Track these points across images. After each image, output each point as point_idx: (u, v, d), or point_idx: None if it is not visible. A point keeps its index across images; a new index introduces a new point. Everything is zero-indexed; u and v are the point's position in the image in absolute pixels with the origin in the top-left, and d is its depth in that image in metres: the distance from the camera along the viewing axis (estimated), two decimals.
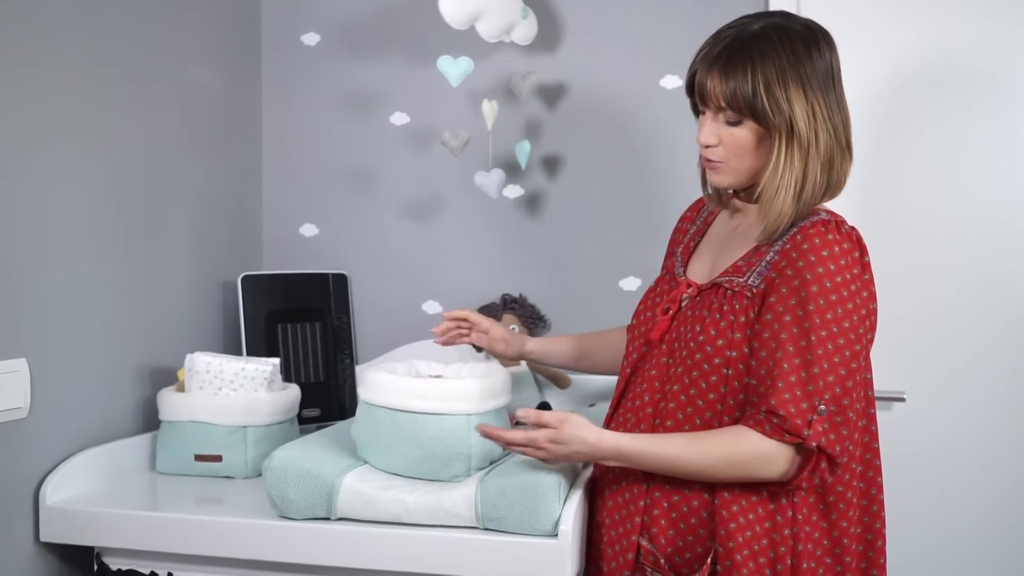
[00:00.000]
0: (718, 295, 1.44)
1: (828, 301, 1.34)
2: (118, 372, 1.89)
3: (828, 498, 1.40)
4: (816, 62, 1.40)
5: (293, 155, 2.40)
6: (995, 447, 2.01)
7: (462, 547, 1.45)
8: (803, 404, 1.32)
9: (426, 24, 2.28)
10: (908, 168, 2.06)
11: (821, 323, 1.34)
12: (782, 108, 1.38)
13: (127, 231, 1.91)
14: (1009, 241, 2.01)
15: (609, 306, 2.18)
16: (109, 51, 1.85)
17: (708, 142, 1.45)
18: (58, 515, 1.65)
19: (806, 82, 1.39)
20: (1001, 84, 2.01)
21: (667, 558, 1.42)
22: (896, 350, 2.05)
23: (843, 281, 1.35)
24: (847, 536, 1.40)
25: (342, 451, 1.61)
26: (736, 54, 1.40)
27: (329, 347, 2.27)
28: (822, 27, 1.46)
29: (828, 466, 1.35)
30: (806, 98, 1.39)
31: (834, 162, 1.42)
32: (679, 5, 2.13)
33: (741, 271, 1.44)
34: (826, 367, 1.33)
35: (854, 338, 1.35)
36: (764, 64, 1.38)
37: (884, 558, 1.46)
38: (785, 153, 1.39)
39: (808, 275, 1.35)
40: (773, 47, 1.39)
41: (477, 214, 2.29)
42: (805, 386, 1.33)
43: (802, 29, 1.43)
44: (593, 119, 2.21)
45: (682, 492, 1.41)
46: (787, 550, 1.37)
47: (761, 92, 1.38)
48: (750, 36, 1.41)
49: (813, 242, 1.37)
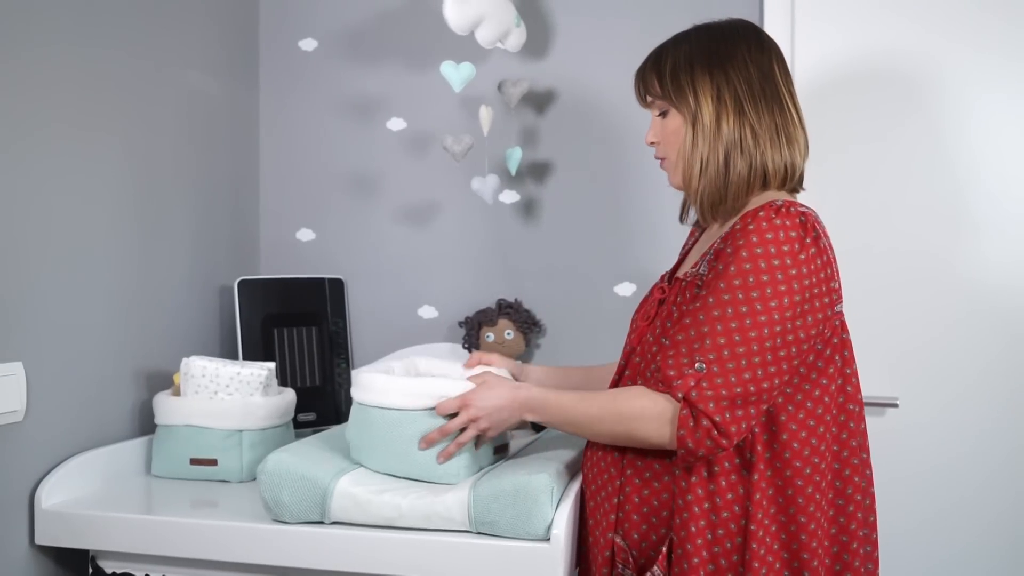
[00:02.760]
0: (677, 289, 1.49)
1: (740, 270, 1.36)
2: (114, 376, 1.89)
3: (787, 491, 1.39)
4: (731, 50, 1.47)
5: (290, 160, 2.41)
6: (989, 451, 2.02)
7: (455, 551, 1.46)
8: (683, 359, 1.36)
9: (423, 30, 2.29)
10: (901, 172, 2.07)
11: (726, 289, 1.36)
12: (685, 91, 1.47)
13: (124, 235, 1.92)
14: (1002, 246, 2.02)
15: (604, 311, 2.19)
16: (107, 56, 1.86)
17: (650, 139, 1.55)
18: (53, 518, 1.65)
19: (714, 67, 1.46)
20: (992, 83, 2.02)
21: (639, 552, 1.44)
22: (889, 356, 2.05)
23: (767, 256, 1.36)
24: (806, 532, 1.39)
25: (337, 455, 1.61)
26: (657, 50, 1.54)
27: (325, 351, 2.27)
28: (753, 25, 1.53)
29: (716, 430, 1.34)
30: (711, 81, 1.46)
31: (747, 147, 1.44)
32: (673, 10, 2.13)
33: (697, 264, 1.48)
34: (718, 329, 1.35)
35: (762, 310, 1.34)
36: (676, 52, 1.50)
37: (863, 561, 1.45)
38: (692, 135, 1.47)
39: (731, 251, 1.39)
40: (688, 39, 1.51)
41: (473, 219, 2.29)
42: (691, 344, 1.36)
43: (725, 25, 1.52)
44: (588, 125, 2.22)
45: (651, 486, 1.43)
46: (741, 541, 1.37)
47: (668, 77, 1.49)
48: (675, 36, 1.54)
49: (746, 223, 1.40)
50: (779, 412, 1.40)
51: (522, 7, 2.19)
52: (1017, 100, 2.01)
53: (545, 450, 1.67)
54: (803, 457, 1.39)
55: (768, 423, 1.40)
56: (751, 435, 1.39)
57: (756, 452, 1.39)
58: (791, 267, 1.36)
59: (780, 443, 1.39)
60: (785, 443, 1.39)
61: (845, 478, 1.45)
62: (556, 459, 1.58)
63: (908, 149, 2.06)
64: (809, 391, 1.41)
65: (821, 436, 1.41)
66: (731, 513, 1.39)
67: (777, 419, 1.39)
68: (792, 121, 1.48)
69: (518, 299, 2.24)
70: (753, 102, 1.45)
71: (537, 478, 1.46)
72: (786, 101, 1.48)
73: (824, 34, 2.08)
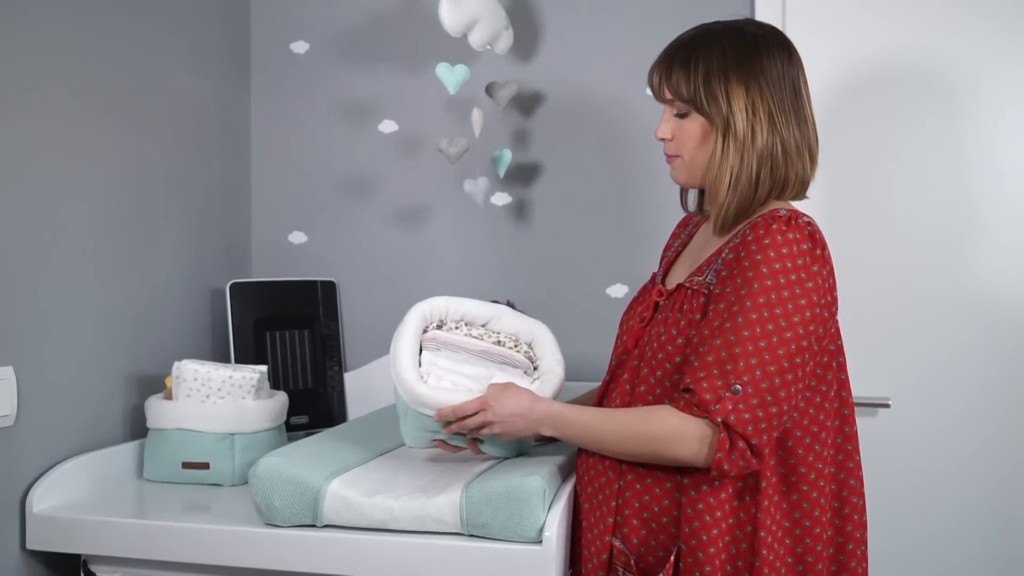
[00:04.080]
0: (681, 296, 1.48)
1: (763, 287, 1.36)
2: (106, 379, 1.89)
3: (792, 496, 1.40)
4: (766, 64, 1.45)
5: (282, 163, 2.40)
6: (981, 452, 2.02)
7: (447, 554, 1.46)
8: (717, 382, 1.34)
9: (414, 33, 2.30)
10: (893, 173, 2.07)
11: (752, 307, 1.35)
12: (718, 100, 1.44)
13: (115, 238, 1.91)
14: (993, 246, 2.02)
15: (596, 313, 2.19)
16: (98, 60, 1.86)
17: (662, 135, 1.52)
18: (45, 523, 1.65)
19: (750, 79, 1.44)
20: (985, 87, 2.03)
21: (638, 557, 1.43)
22: (880, 356, 2.06)
23: (785, 271, 1.36)
24: (810, 535, 1.41)
25: (328, 458, 1.61)
26: (685, 47, 1.48)
27: (318, 354, 2.27)
28: (783, 35, 1.50)
29: (751, 451, 1.34)
30: (747, 94, 1.43)
31: (777, 161, 1.44)
32: (665, 12, 2.14)
33: (701, 271, 1.48)
34: (750, 349, 1.34)
35: (786, 326, 1.35)
36: (707, 57, 1.45)
37: (858, 562, 1.46)
38: (722, 145, 1.44)
39: (748, 264, 1.38)
40: (719, 43, 1.46)
41: (465, 221, 2.29)
42: (723, 365, 1.34)
43: (757, 31, 1.48)
44: (580, 127, 2.22)
45: (652, 491, 1.43)
46: (748, 547, 1.38)
47: (700, 83, 1.45)
48: (702, 33, 1.49)
49: (759, 234, 1.40)
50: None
51: (512, 9, 2.19)
52: (1013, 103, 2.01)
53: (537, 452, 1.67)
54: (807, 463, 1.40)
55: None
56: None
57: (763, 459, 1.39)
58: (807, 280, 1.37)
59: (786, 450, 1.40)
60: (791, 449, 1.40)
61: (842, 481, 1.46)
62: (549, 461, 1.58)
63: (901, 153, 2.07)
64: (811, 398, 1.42)
65: (823, 441, 1.42)
66: (740, 521, 1.39)
67: (783, 427, 1.40)
68: (813, 136, 1.48)
69: (510, 301, 2.23)
70: (784, 116, 1.44)
71: (530, 480, 1.45)
72: (809, 115, 1.48)
73: (814, 39, 2.08)
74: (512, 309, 1.71)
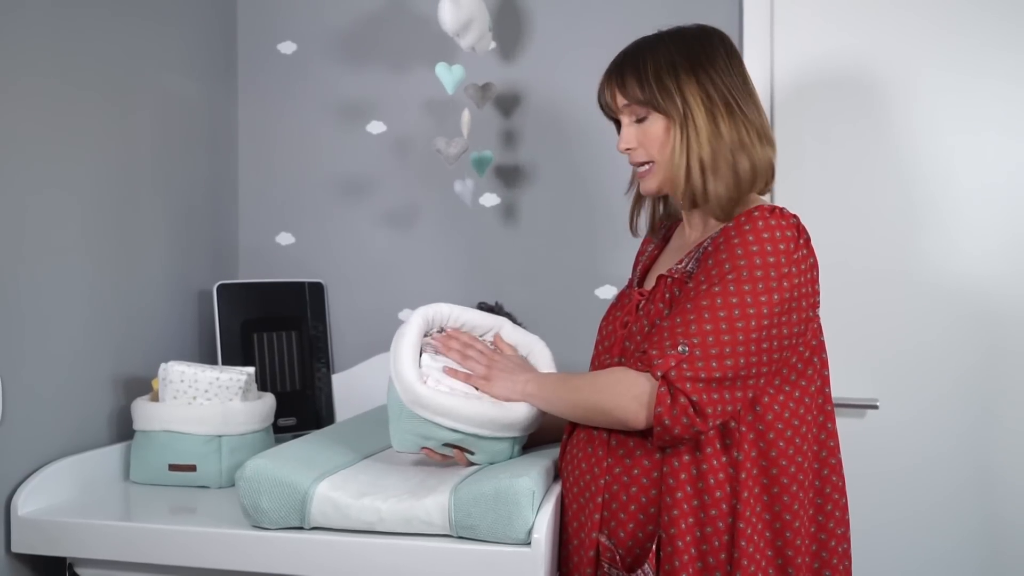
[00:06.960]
0: (662, 286, 1.50)
1: (736, 266, 1.38)
2: (92, 381, 1.88)
3: (772, 489, 1.42)
4: (712, 54, 1.49)
5: (269, 164, 2.40)
6: (967, 452, 2.03)
7: (435, 556, 1.46)
8: (666, 342, 1.38)
9: (402, 34, 2.29)
10: (881, 174, 2.08)
11: (720, 284, 1.38)
12: (672, 95, 1.47)
13: (101, 239, 1.90)
14: (982, 247, 2.03)
15: (585, 314, 2.19)
16: (84, 59, 1.85)
17: (627, 145, 1.54)
18: (30, 526, 1.63)
19: (699, 70, 1.48)
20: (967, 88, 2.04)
21: (626, 551, 1.44)
22: (869, 358, 2.06)
23: (763, 253, 1.38)
24: (790, 529, 1.42)
25: (316, 460, 1.61)
26: (631, 55, 1.53)
27: (305, 356, 2.27)
28: (720, 30, 1.55)
29: (693, 408, 1.35)
30: (699, 84, 1.47)
31: (747, 149, 1.46)
32: (651, 14, 2.14)
33: (682, 261, 1.50)
34: (706, 316, 1.37)
35: (752, 303, 1.36)
36: (655, 57, 1.50)
37: (840, 559, 1.48)
38: (682, 136, 1.47)
39: (726, 248, 1.40)
40: (663, 44, 1.51)
41: (453, 223, 2.29)
42: (675, 328, 1.38)
43: (696, 30, 1.54)
44: (568, 128, 2.22)
45: (639, 482, 1.44)
46: (727, 540, 1.39)
47: (652, 81, 1.48)
48: (644, 41, 1.54)
49: (740, 222, 1.42)
50: (765, 412, 1.42)
51: (499, 10, 2.18)
52: (992, 104, 2.02)
53: (525, 455, 1.67)
54: (788, 456, 1.42)
55: (754, 423, 1.42)
56: (738, 434, 1.41)
57: (743, 451, 1.41)
58: (784, 265, 1.39)
59: (767, 442, 1.42)
60: (771, 442, 1.41)
61: (824, 478, 1.48)
62: (538, 463, 1.58)
63: (885, 153, 2.08)
64: (790, 392, 1.43)
65: (804, 436, 1.44)
66: (719, 511, 1.40)
67: (764, 419, 1.42)
68: (767, 122, 1.52)
69: (499, 302, 2.23)
70: (742, 101, 1.48)
71: (519, 482, 1.45)
72: (759, 103, 1.52)
73: (802, 39, 2.09)
74: (512, 322, 1.73)
